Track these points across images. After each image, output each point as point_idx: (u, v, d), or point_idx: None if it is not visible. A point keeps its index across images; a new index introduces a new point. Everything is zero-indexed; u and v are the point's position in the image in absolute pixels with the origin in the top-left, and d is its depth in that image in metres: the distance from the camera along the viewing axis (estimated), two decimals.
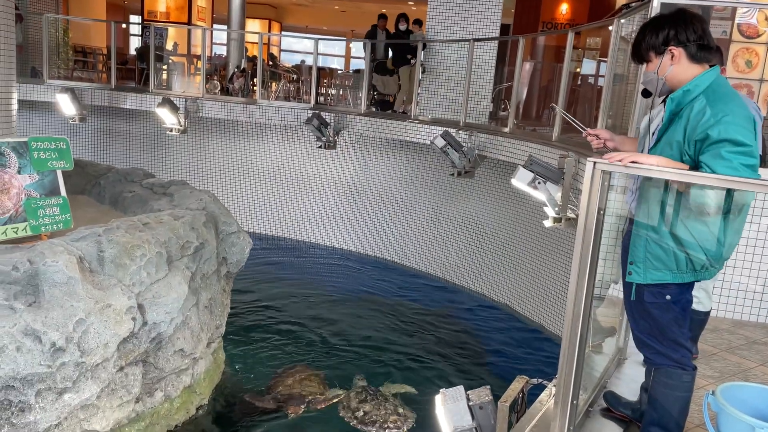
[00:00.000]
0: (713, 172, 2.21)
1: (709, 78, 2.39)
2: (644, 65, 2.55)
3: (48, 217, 5.31)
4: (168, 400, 5.27)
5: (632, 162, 2.27)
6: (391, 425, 6.02)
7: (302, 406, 5.94)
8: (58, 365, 4.11)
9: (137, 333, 4.68)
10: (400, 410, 6.25)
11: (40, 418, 4.13)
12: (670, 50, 2.41)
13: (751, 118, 2.32)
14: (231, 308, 6.62)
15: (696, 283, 2.52)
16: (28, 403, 4.06)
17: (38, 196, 5.33)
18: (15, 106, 6.23)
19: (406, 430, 6.04)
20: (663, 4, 4.25)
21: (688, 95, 2.40)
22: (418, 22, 11.07)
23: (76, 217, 5.59)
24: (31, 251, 4.40)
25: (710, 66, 2.43)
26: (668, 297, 2.42)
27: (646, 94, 2.66)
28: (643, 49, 2.48)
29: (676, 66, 2.42)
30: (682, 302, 2.45)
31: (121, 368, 4.63)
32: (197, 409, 5.64)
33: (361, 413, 6.15)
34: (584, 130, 2.73)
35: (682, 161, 2.35)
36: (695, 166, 2.32)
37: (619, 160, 2.28)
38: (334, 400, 6.13)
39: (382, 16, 11.15)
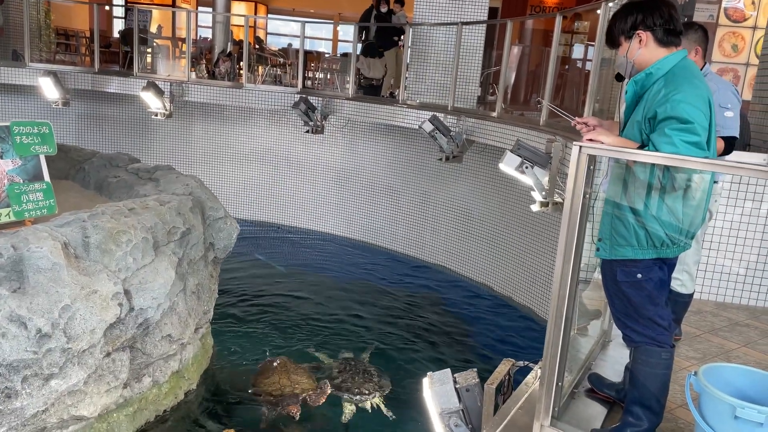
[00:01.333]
0: (656, 148, 2.30)
1: (672, 61, 2.45)
2: (616, 49, 2.60)
3: (32, 203, 5.27)
4: (156, 386, 5.28)
5: (589, 140, 2.37)
6: (364, 391, 6.21)
7: (298, 404, 5.71)
8: (45, 351, 4.10)
9: (124, 319, 4.68)
10: (376, 379, 6.44)
11: (27, 404, 4.12)
12: (637, 34, 2.47)
13: (705, 97, 2.37)
14: (219, 293, 6.61)
15: (679, 266, 2.56)
16: (14, 390, 4.05)
17: (21, 181, 5.29)
18: None
19: (378, 396, 6.21)
20: None
21: (650, 78, 2.48)
22: (400, 1, 10.97)
23: (60, 202, 5.53)
24: (15, 237, 4.37)
25: (677, 49, 2.48)
26: (639, 276, 2.48)
27: (619, 77, 2.72)
28: (614, 34, 2.55)
29: (644, 49, 2.49)
30: (654, 280, 2.49)
31: (108, 354, 4.63)
32: (186, 394, 5.66)
33: (339, 380, 6.36)
34: (572, 119, 2.75)
35: (641, 140, 2.40)
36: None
37: (585, 128, 2.49)
38: (329, 392, 6.04)
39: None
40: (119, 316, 4.58)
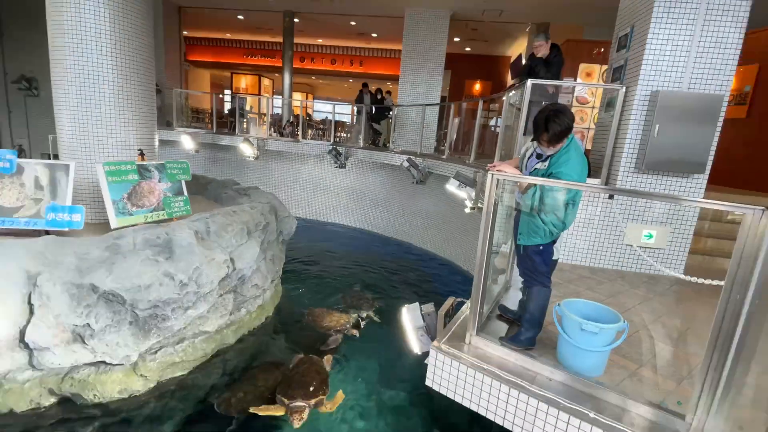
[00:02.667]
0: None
1: (567, 141, 2.42)
2: (545, 145, 2.41)
3: (176, 208, 5.27)
4: (248, 314, 5.30)
5: (498, 170, 2.40)
6: (363, 307, 6.37)
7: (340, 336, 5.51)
8: (184, 293, 4.11)
9: (230, 275, 4.69)
10: (370, 302, 6.60)
11: (173, 324, 4.13)
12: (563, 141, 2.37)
13: (581, 168, 2.38)
14: (285, 260, 6.62)
15: None
16: (167, 315, 4.06)
17: (170, 195, 5.28)
18: (157, 143, 6.14)
19: (372, 310, 6.33)
20: (533, 85, 4.31)
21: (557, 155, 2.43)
22: (389, 93, 11.10)
23: (193, 208, 5.55)
24: (167, 227, 4.39)
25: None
26: (541, 248, 2.50)
27: (539, 156, 2.56)
28: (555, 139, 2.35)
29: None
30: (548, 252, 2.52)
31: (221, 295, 4.64)
32: (266, 319, 5.66)
33: (351, 302, 6.52)
34: (486, 167, 2.77)
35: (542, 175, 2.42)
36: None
37: (494, 168, 2.47)
38: (361, 325, 5.86)
39: (365, 84, 11.04)
40: (227, 274, 4.60)
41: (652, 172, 4.12)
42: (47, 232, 4.47)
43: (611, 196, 4.25)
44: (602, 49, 7.65)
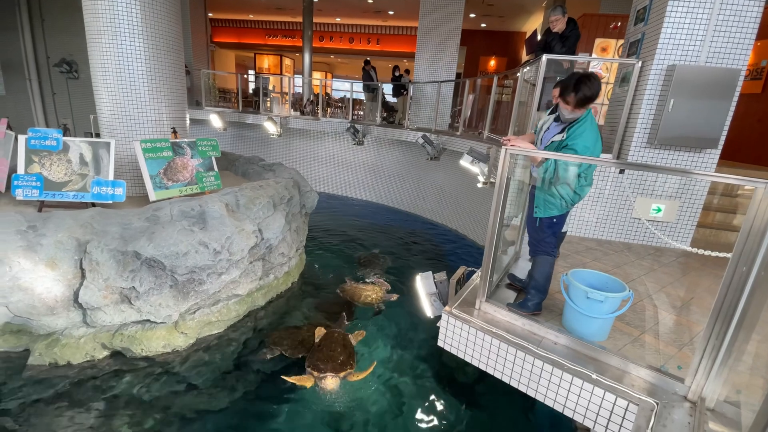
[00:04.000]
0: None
1: (584, 115, 2.35)
2: (570, 106, 2.32)
3: (208, 182, 5.35)
4: (276, 279, 5.42)
5: (512, 144, 2.33)
6: (375, 266, 6.56)
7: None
8: (218, 260, 4.22)
9: (258, 244, 4.77)
10: (383, 261, 6.83)
11: (208, 287, 4.27)
12: (587, 105, 2.28)
13: (595, 142, 2.31)
14: (308, 231, 6.69)
15: None
16: (203, 280, 4.19)
17: (202, 170, 5.36)
18: (188, 122, 6.18)
19: (383, 270, 6.52)
20: (548, 60, 4.11)
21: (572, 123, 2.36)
22: (407, 71, 10.77)
23: (222, 183, 5.62)
24: (200, 200, 4.46)
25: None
26: (555, 220, 2.47)
27: (553, 112, 2.53)
28: (582, 99, 2.25)
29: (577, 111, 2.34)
30: (559, 223, 2.48)
31: (251, 262, 4.74)
32: (291, 284, 5.78)
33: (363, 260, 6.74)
34: (501, 138, 2.70)
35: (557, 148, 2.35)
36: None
37: (509, 142, 2.42)
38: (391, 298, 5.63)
39: (367, 62, 10.64)
40: (256, 243, 4.68)
41: (664, 147, 3.94)
42: (93, 205, 4.63)
43: (622, 171, 4.11)
44: (619, 23, 7.19)
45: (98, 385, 3.70)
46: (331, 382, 3.72)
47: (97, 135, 6.11)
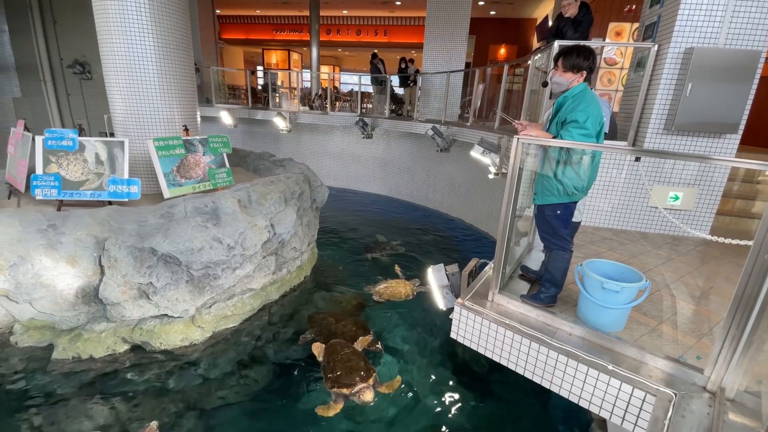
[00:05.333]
0: (563, 138, 2.22)
1: (578, 88, 2.32)
2: (559, 73, 2.35)
3: (220, 179, 5.41)
4: (289, 273, 5.47)
5: (524, 133, 2.30)
6: (384, 251, 6.81)
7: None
8: (231, 255, 4.27)
9: (271, 239, 4.81)
10: (392, 248, 7.10)
11: (223, 282, 4.33)
12: (582, 73, 2.29)
13: (596, 109, 2.25)
14: (319, 225, 6.73)
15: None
16: (217, 275, 4.26)
17: (214, 167, 5.42)
18: (199, 119, 6.24)
19: (393, 253, 6.82)
20: (560, 46, 4.02)
21: (566, 99, 2.34)
22: (411, 61, 10.72)
23: (234, 179, 5.67)
24: (213, 196, 4.51)
25: (582, 80, 2.35)
26: (558, 212, 2.42)
27: (544, 84, 2.53)
28: (570, 64, 2.29)
29: (576, 80, 2.33)
30: (565, 214, 2.44)
31: (264, 257, 4.79)
32: (304, 278, 5.83)
33: (382, 254, 6.86)
34: (514, 121, 2.67)
35: (558, 134, 2.31)
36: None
37: (522, 127, 2.40)
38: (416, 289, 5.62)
39: (374, 55, 10.56)
40: (268, 238, 4.72)
41: (681, 133, 3.84)
42: (110, 203, 4.73)
43: (638, 159, 4.02)
44: (633, 7, 6.98)
45: (120, 378, 3.81)
46: (369, 394, 3.49)
47: (112, 134, 6.21)
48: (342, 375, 3.66)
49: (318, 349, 4.18)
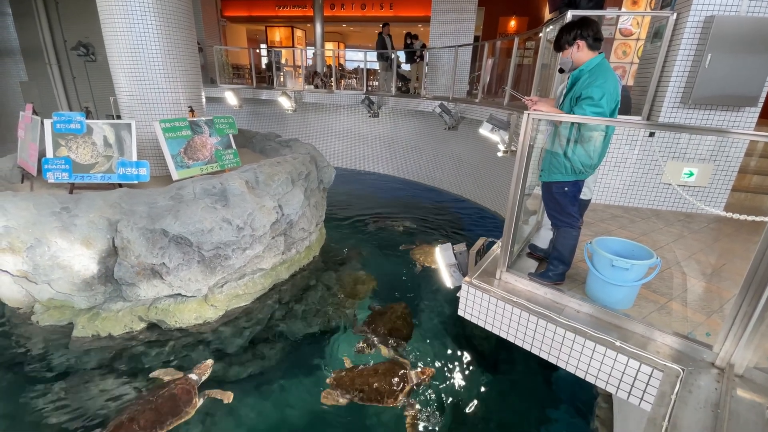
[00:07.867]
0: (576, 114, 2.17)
1: (595, 61, 2.23)
2: (561, 53, 2.35)
3: (227, 160, 5.41)
4: (298, 253, 5.52)
5: (534, 108, 2.25)
6: (393, 227, 6.90)
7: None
8: (241, 236, 4.32)
9: (279, 220, 4.84)
10: (399, 222, 7.16)
11: (234, 262, 4.40)
12: (576, 43, 2.23)
13: (613, 85, 2.17)
14: (326, 206, 6.73)
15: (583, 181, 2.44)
16: (228, 255, 4.32)
17: (221, 149, 5.41)
18: (204, 100, 6.19)
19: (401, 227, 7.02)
20: (574, 17, 3.85)
21: (582, 72, 2.25)
22: (416, 37, 10.35)
23: (241, 160, 5.66)
24: (221, 178, 4.52)
25: (598, 53, 2.25)
26: (566, 189, 2.38)
27: (561, 71, 2.48)
28: (561, 42, 2.29)
29: (580, 53, 2.25)
30: (573, 191, 2.40)
31: (273, 237, 4.83)
32: (313, 258, 5.88)
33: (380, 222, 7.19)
34: (524, 98, 2.59)
35: (572, 111, 2.25)
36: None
37: (532, 103, 2.36)
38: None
39: (385, 24, 10.20)
40: (277, 218, 4.74)
41: (698, 107, 3.70)
42: (120, 185, 4.78)
43: (652, 134, 3.91)
44: None
45: (137, 355, 3.95)
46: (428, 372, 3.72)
47: (118, 117, 6.21)
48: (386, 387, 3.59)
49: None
